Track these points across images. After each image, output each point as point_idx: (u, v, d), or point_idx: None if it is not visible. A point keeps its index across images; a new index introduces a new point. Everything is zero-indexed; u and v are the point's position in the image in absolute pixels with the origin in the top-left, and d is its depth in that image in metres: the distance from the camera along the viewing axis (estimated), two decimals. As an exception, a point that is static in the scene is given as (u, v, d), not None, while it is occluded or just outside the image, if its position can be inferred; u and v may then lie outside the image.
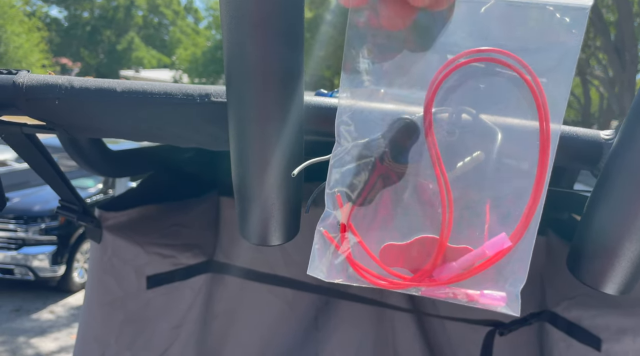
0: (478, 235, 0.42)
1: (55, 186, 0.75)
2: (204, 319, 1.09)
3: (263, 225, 0.54)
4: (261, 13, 0.41)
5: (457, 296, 0.43)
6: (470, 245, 0.42)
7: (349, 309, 1.13)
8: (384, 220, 0.43)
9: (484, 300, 0.42)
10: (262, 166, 0.49)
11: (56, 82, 0.52)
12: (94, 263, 0.92)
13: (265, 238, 0.55)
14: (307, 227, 0.64)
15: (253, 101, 0.46)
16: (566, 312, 0.92)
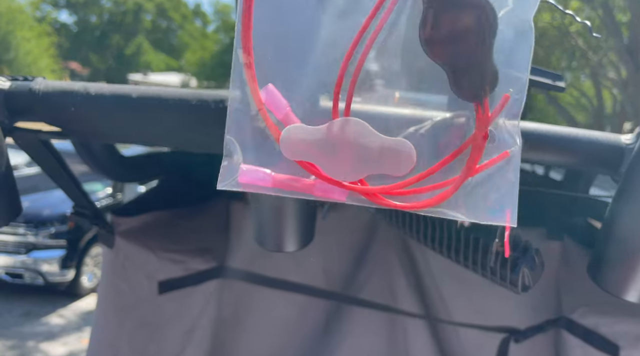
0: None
1: (69, 191, 0.76)
2: (215, 324, 1.09)
3: (278, 232, 0.54)
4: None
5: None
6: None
7: (360, 315, 1.12)
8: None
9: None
10: None
11: (72, 88, 0.52)
12: (106, 268, 0.92)
13: (281, 244, 0.55)
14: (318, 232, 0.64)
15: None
16: (583, 319, 0.91)
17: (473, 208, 0.38)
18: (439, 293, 1.07)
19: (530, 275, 0.56)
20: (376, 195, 0.39)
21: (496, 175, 0.38)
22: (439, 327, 1.08)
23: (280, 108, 0.39)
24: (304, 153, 0.38)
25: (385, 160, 0.38)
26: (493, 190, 0.38)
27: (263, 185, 0.40)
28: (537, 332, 0.98)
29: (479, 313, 1.03)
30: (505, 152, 0.38)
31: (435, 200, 0.39)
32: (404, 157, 0.37)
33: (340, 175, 0.39)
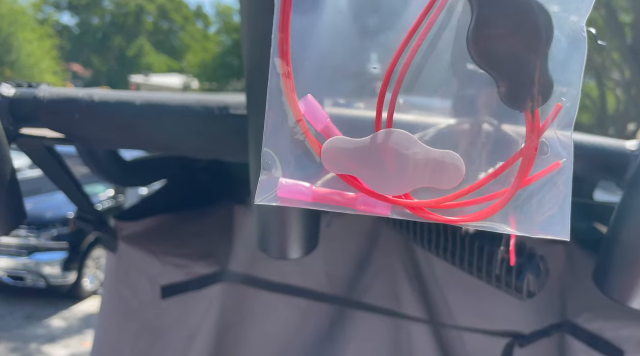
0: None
1: (72, 196, 0.76)
2: (218, 329, 1.09)
3: (282, 239, 0.54)
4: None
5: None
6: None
7: (364, 320, 1.12)
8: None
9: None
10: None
11: (76, 95, 0.52)
12: (109, 272, 0.92)
13: (284, 251, 0.55)
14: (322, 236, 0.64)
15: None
16: (587, 323, 0.90)
17: (523, 222, 0.37)
18: (442, 298, 1.07)
19: (535, 281, 0.56)
20: (422, 209, 0.38)
21: (547, 186, 0.37)
22: (442, 332, 1.08)
23: (319, 119, 0.39)
24: (346, 166, 0.38)
25: (431, 173, 0.37)
26: (544, 202, 0.37)
27: (303, 199, 0.39)
28: (542, 337, 0.97)
29: (482, 318, 1.03)
30: (557, 162, 0.37)
31: (484, 214, 0.38)
32: (452, 169, 0.36)
33: (384, 189, 0.38)
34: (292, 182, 0.39)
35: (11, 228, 0.51)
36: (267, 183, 0.39)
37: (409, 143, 0.37)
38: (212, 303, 1.07)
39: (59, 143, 0.60)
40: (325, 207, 0.39)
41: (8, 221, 0.50)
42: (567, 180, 0.37)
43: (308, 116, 0.38)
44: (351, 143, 0.37)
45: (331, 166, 0.37)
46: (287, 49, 0.38)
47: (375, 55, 0.39)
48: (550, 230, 0.37)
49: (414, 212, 0.38)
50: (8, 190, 0.49)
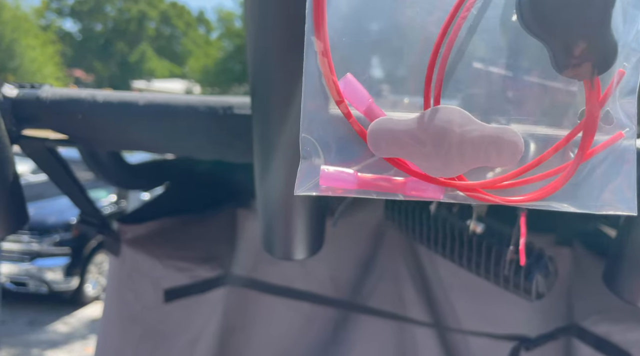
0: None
1: (75, 199, 0.75)
2: (221, 333, 1.08)
3: (287, 240, 0.53)
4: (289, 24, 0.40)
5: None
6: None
7: (368, 323, 1.11)
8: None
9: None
10: (287, 180, 0.48)
11: (79, 96, 0.52)
12: (113, 276, 0.92)
13: (289, 252, 0.54)
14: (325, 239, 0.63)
15: (279, 114, 0.45)
16: (595, 327, 0.89)
17: (586, 199, 0.35)
18: (447, 301, 1.06)
19: (544, 282, 0.55)
20: (478, 190, 0.36)
21: (610, 158, 0.34)
22: (448, 335, 1.07)
23: (361, 100, 0.36)
24: (393, 148, 0.35)
25: (488, 151, 0.34)
26: (608, 176, 0.34)
27: (347, 187, 0.36)
28: (548, 340, 0.96)
29: (488, 321, 1.02)
30: (619, 132, 0.34)
31: (544, 192, 0.35)
32: (511, 146, 0.33)
33: (436, 171, 0.35)
34: (335, 169, 0.36)
35: (14, 229, 0.50)
36: (307, 172, 0.36)
37: (462, 120, 0.34)
38: (215, 306, 1.06)
39: (62, 145, 0.59)
40: (371, 194, 0.36)
41: (11, 223, 0.50)
42: (632, 150, 0.34)
43: (349, 97, 0.36)
44: (399, 123, 0.34)
45: (378, 149, 0.35)
46: (323, 27, 0.34)
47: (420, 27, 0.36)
48: (615, 205, 0.34)
49: (469, 194, 0.36)
50: (11, 191, 0.48)
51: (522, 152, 0.34)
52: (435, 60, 0.35)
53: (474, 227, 0.59)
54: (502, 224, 0.58)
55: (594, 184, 0.35)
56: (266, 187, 0.50)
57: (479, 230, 0.59)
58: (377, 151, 0.35)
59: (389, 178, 0.36)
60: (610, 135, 0.34)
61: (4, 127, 0.48)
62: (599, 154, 0.34)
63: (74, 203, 0.76)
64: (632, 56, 0.34)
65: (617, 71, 0.33)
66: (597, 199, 0.34)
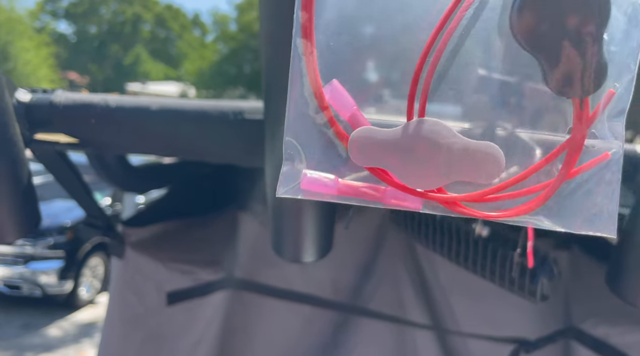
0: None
1: (82, 202, 0.76)
2: (222, 336, 1.08)
3: (297, 242, 0.54)
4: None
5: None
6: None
7: (368, 326, 1.12)
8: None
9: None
10: None
11: (92, 101, 0.52)
12: (116, 279, 0.92)
13: (299, 255, 0.55)
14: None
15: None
16: (593, 329, 0.90)
17: (567, 217, 0.35)
18: (447, 304, 1.07)
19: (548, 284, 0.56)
20: (457, 203, 0.36)
21: (594, 179, 0.34)
22: (447, 338, 1.08)
23: (346, 107, 0.36)
24: (374, 158, 0.35)
25: (468, 166, 0.34)
26: (591, 196, 0.34)
27: (327, 192, 0.36)
28: (547, 343, 0.97)
29: (488, 324, 1.03)
30: (605, 153, 0.34)
31: (525, 208, 0.35)
32: (491, 161, 0.34)
33: (417, 183, 0.35)
34: (316, 174, 0.36)
35: (27, 231, 0.51)
36: (289, 175, 0.37)
37: (444, 133, 0.34)
38: (217, 309, 1.06)
39: (73, 149, 0.60)
40: (351, 201, 0.37)
41: (24, 224, 0.50)
42: (617, 172, 0.34)
43: (334, 103, 0.36)
44: (381, 133, 0.34)
45: (359, 158, 0.35)
46: (310, 28, 0.34)
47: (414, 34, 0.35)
48: (596, 226, 0.34)
49: (448, 207, 0.36)
50: (25, 193, 0.49)
51: (503, 169, 0.34)
52: (420, 71, 0.34)
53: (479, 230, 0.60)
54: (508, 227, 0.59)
55: (575, 203, 0.35)
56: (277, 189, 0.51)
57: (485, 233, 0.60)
58: (357, 159, 0.35)
59: (369, 186, 0.37)
60: (596, 155, 0.34)
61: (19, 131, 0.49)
62: (583, 174, 0.34)
63: (81, 206, 0.77)
64: (624, 76, 0.33)
65: (608, 91, 0.33)
66: (577, 218, 0.34)
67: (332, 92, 0.36)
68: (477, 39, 0.35)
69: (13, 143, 0.47)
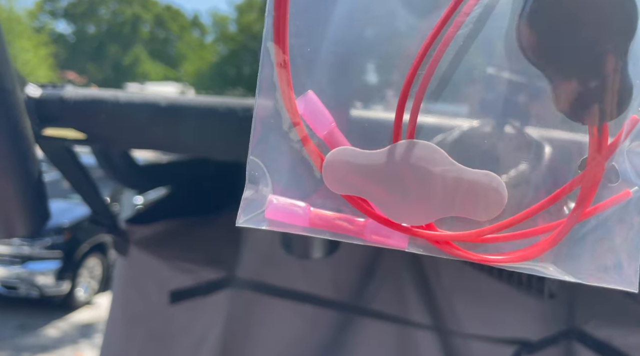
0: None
1: (88, 199, 0.76)
2: (225, 335, 1.08)
3: (306, 239, 0.54)
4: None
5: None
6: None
7: (370, 326, 1.12)
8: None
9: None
10: None
11: (102, 96, 0.52)
12: (119, 276, 0.92)
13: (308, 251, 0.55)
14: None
15: None
16: (596, 331, 0.91)
17: (577, 265, 0.30)
18: (449, 305, 1.07)
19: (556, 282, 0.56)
20: (449, 243, 0.31)
21: (612, 221, 0.29)
22: (449, 339, 1.08)
23: (322, 123, 0.31)
24: (353, 185, 0.30)
25: (463, 198, 0.29)
26: (607, 241, 0.29)
27: (297, 223, 0.32)
28: (550, 344, 0.97)
29: (490, 325, 1.03)
30: (626, 191, 0.29)
31: (529, 253, 0.30)
32: (491, 195, 0.29)
33: (402, 217, 0.30)
34: (285, 201, 0.32)
35: (37, 227, 0.51)
36: (252, 201, 0.32)
37: (437, 159, 0.29)
38: (219, 309, 1.06)
39: (81, 144, 0.60)
40: (325, 234, 0.32)
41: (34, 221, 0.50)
42: (637, 214, 0.29)
43: (308, 118, 0.31)
44: (362, 156, 0.29)
45: (335, 184, 0.30)
46: (284, 32, 0.30)
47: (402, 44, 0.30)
48: (612, 278, 0.29)
49: (439, 247, 0.31)
50: (35, 189, 0.49)
51: (504, 204, 0.29)
52: (410, 83, 0.29)
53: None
54: None
55: (588, 249, 0.30)
56: None
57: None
58: (333, 186, 0.30)
59: (346, 217, 0.32)
60: (614, 194, 0.29)
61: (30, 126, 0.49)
62: (599, 215, 0.29)
63: (87, 203, 0.77)
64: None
65: (630, 118, 0.28)
66: (591, 268, 0.30)
67: (306, 104, 0.31)
68: (483, 48, 0.30)
69: (24, 138, 0.47)
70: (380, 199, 0.30)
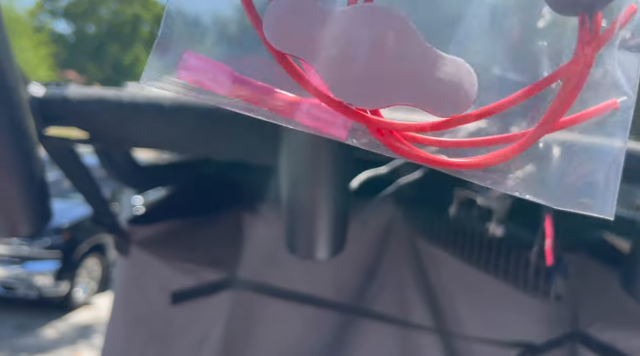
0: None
1: (89, 199, 0.75)
2: (226, 336, 1.08)
3: (311, 239, 0.54)
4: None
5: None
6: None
7: (372, 328, 1.12)
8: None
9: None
10: (314, 180, 0.49)
11: (105, 96, 0.52)
12: (121, 277, 0.92)
13: (312, 252, 0.55)
14: None
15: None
16: (600, 333, 0.90)
17: (548, 183, 0.25)
18: (451, 307, 1.07)
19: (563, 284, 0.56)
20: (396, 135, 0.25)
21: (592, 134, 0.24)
22: (452, 341, 1.07)
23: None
24: (298, 43, 0.23)
25: (426, 86, 0.23)
26: (584, 157, 0.24)
27: (214, 88, 0.25)
28: (553, 347, 0.97)
29: (493, 328, 1.03)
30: (613, 101, 0.24)
31: (488, 159, 0.24)
32: (460, 85, 0.23)
33: (349, 95, 0.23)
34: (204, 59, 0.25)
35: (39, 227, 0.51)
36: (163, 56, 0.25)
37: (405, 33, 0.23)
38: (220, 310, 1.06)
39: (84, 144, 0.60)
40: (244, 108, 0.25)
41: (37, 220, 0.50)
42: (623, 130, 0.24)
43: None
44: (316, 9, 0.23)
45: (277, 38, 0.23)
46: None
47: None
48: (586, 202, 0.24)
49: (384, 141, 0.25)
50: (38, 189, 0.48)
51: (474, 98, 0.23)
52: None
53: (493, 230, 0.59)
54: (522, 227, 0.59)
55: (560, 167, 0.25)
56: (291, 186, 0.50)
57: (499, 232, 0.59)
58: (273, 39, 0.23)
59: (277, 91, 0.25)
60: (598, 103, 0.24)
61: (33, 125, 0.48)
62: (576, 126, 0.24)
63: (88, 203, 0.77)
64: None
65: (629, 6, 0.23)
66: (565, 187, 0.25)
67: None
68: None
69: (27, 138, 0.46)
70: (326, 68, 0.23)
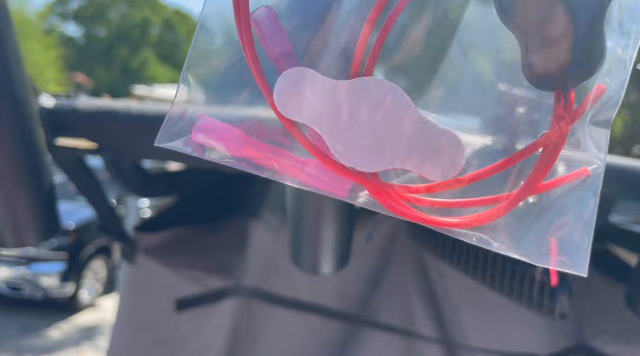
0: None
1: (97, 207, 0.76)
2: (230, 344, 1.08)
3: (316, 253, 0.54)
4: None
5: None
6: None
7: (376, 338, 1.11)
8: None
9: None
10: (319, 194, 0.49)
11: (114, 107, 0.53)
12: (126, 284, 0.92)
13: (317, 266, 0.55)
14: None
15: None
16: (605, 347, 0.90)
17: (525, 241, 0.27)
18: (456, 318, 1.06)
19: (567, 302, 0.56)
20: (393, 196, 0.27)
21: (566, 198, 0.27)
22: (456, 352, 1.07)
23: (277, 40, 0.27)
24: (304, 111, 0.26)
25: (421, 152, 0.26)
26: (560, 220, 0.27)
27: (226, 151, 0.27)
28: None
29: (497, 339, 1.02)
30: (584, 168, 0.27)
31: (475, 219, 0.27)
32: (450, 152, 0.26)
33: (351, 159, 0.26)
34: (217, 123, 0.27)
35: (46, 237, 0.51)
36: (178, 119, 0.27)
37: (397, 103, 0.26)
38: (225, 317, 1.06)
39: (93, 154, 0.60)
40: (253, 168, 0.27)
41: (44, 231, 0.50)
42: (594, 194, 0.26)
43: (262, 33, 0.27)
44: (322, 81, 0.26)
45: (284, 107, 0.26)
46: None
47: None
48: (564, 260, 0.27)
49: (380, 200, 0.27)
50: (46, 199, 0.49)
51: (462, 165, 0.26)
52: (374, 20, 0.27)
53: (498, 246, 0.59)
54: None
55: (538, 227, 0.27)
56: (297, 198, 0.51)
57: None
58: (283, 108, 0.26)
59: (284, 152, 0.27)
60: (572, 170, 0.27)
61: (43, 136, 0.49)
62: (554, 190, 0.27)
63: (96, 210, 0.77)
64: (615, 74, 0.26)
65: (597, 86, 0.26)
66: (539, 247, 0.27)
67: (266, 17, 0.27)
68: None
69: (37, 148, 0.47)
70: (332, 135, 0.26)
